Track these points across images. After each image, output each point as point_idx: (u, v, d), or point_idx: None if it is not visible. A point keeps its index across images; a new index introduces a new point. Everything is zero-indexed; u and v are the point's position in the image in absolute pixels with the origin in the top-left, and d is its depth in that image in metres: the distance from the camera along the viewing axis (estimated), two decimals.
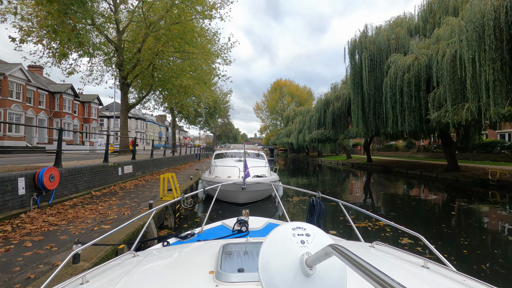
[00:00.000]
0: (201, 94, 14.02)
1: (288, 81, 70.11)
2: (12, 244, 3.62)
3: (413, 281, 1.12)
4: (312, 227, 0.87)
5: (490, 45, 9.89)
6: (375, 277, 0.51)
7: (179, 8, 10.75)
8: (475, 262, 4.65)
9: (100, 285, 1.10)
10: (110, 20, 10.66)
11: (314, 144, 37.09)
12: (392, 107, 15.12)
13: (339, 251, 0.65)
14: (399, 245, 5.38)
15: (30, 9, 9.76)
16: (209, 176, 9.73)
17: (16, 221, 4.56)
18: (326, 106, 26.96)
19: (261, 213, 7.97)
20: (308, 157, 50.08)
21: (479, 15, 10.25)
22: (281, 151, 76.02)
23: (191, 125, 32.82)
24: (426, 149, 31.67)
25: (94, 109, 37.40)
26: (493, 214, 8.38)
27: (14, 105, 23.91)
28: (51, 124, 29.28)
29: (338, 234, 5.57)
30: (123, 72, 11.30)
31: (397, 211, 8.87)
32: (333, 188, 14.16)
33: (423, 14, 17.76)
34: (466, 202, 9.98)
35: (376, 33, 17.95)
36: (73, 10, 5.55)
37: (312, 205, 3.09)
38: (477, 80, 10.58)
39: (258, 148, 16.05)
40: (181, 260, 1.43)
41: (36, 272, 2.89)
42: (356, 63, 18.17)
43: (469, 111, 10.92)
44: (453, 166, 17.29)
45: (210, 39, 14.47)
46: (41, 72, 30.25)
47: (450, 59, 11.85)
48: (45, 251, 3.47)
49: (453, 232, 6.57)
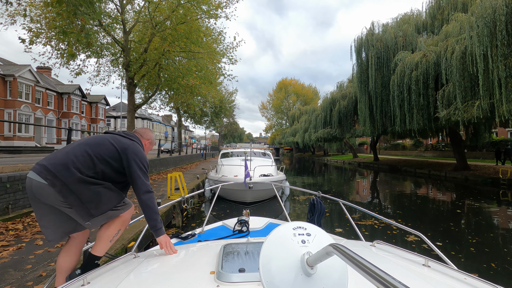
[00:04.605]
0: (207, 94, 14.03)
1: (293, 80, 69.98)
2: (24, 242, 3.67)
3: (414, 279, 1.11)
4: (312, 227, 0.87)
5: (502, 41, 9.68)
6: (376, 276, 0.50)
7: (185, 8, 10.76)
8: (484, 260, 4.56)
9: (101, 286, 1.10)
10: (117, 21, 10.72)
11: (320, 143, 36.89)
12: (400, 105, 14.92)
13: (340, 250, 0.65)
14: (404, 244, 5.31)
15: (38, 11, 9.89)
16: (216, 175, 9.74)
17: (27, 220, 4.63)
18: (332, 105, 26.77)
19: (268, 212, 7.96)
20: (314, 156, 49.89)
21: (490, 10, 10.04)
22: (287, 151, 75.88)
23: (196, 124, 32.93)
24: (434, 147, 31.19)
25: (101, 109, 37.86)
26: (503, 213, 8.21)
27: (23, 106, 24.33)
28: (59, 124, 29.74)
29: (339, 234, 5.53)
30: (130, 73, 11.38)
31: (404, 210, 8.75)
32: (339, 188, 14.05)
33: (431, 10, 17.49)
34: (475, 201, 9.79)
35: (383, 30, 17.74)
36: (81, 11, 5.60)
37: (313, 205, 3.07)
38: (489, 77, 10.36)
39: (264, 147, 16.03)
40: (182, 260, 1.44)
41: (48, 270, 2.92)
42: (362, 61, 17.99)
43: (480, 109, 10.70)
44: (463, 165, 16.99)
45: (215, 38, 14.46)
46: (49, 73, 30.72)
47: (460, 55, 11.62)
48: (56, 249, 3.51)
49: (461, 230, 6.47)
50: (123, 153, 1.75)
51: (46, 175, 1.56)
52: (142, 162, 1.79)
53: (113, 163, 1.73)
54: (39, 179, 1.56)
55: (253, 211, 4.24)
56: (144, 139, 2.08)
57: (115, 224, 1.81)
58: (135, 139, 1.92)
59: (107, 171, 1.72)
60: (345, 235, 3.78)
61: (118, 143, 1.78)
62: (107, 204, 1.70)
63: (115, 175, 1.76)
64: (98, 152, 1.70)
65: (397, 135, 21.16)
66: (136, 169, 1.74)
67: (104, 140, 1.77)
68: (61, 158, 1.64)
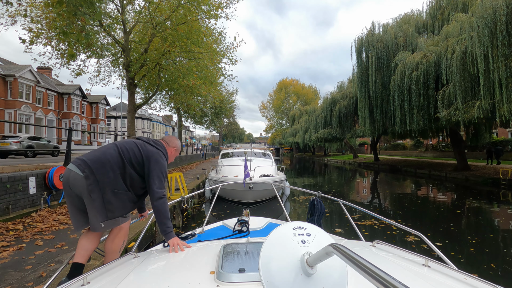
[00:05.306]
0: (207, 94, 14.03)
1: (293, 80, 70.02)
2: (24, 243, 3.67)
3: (414, 280, 1.11)
4: (312, 227, 0.87)
5: (503, 41, 9.67)
6: (376, 276, 0.50)
7: (185, 8, 10.76)
8: (484, 261, 4.56)
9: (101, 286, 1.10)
10: (117, 21, 10.73)
11: (320, 143, 36.90)
12: (400, 106, 14.91)
13: (340, 250, 0.65)
14: (404, 244, 5.32)
15: (39, 11, 9.90)
16: (216, 175, 9.74)
17: (27, 220, 4.63)
18: (333, 105, 26.76)
19: (268, 212, 7.95)
20: (314, 157, 49.87)
21: (490, 10, 10.03)
22: (287, 151, 75.88)
23: (197, 125, 32.93)
24: (435, 148, 31.17)
25: (102, 110, 37.87)
26: (504, 214, 8.20)
27: (24, 106, 24.36)
28: (59, 124, 29.77)
29: (339, 234, 5.52)
30: (131, 73, 11.37)
31: (404, 210, 8.74)
32: (340, 188, 14.05)
33: (431, 11, 17.48)
34: (475, 201, 9.78)
35: (383, 30, 17.73)
36: (82, 11, 5.61)
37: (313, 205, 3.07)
38: (489, 77, 10.35)
39: (264, 147, 16.03)
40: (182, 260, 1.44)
41: (48, 271, 2.92)
42: (363, 62, 17.97)
43: (481, 109, 10.69)
44: (463, 165, 16.97)
45: (216, 38, 14.47)
46: (49, 73, 30.73)
47: (460, 56, 11.61)
48: (57, 249, 3.51)
49: (461, 231, 6.46)
50: (146, 159, 1.95)
51: (84, 168, 1.79)
52: (161, 171, 1.95)
53: (137, 167, 1.95)
54: (77, 170, 1.79)
55: (253, 211, 4.24)
56: (170, 147, 2.26)
57: (119, 237, 1.99)
58: (161, 147, 2.10)
59: (133, 174, 1.93)
60: (345, 235, 3.77)
61: (144, 150, 1.99)
62: (120, 211, 1.91)
63: (139, 178, 1.96)
64: (128, 155, 1.93)
65: (398, 135, 21.16)
66: (154, 176, 1.92)
67: (133, 146, 2.00)
68: (99, 156, 1.87)
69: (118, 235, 1.97)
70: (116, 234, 1.97)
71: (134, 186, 1.96)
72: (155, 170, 1.92)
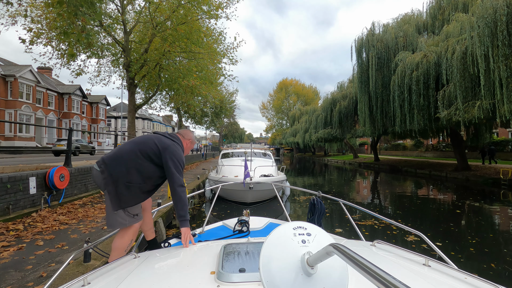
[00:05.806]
0: (207, 94, 14.05)
1: (294, 80, 69.99)
2: (25, 243, 3.67)
3: (414, 279, 1.11)
4: (313, 227, 0.88)
5: (503, 41, 9.66)
6: (376, 275, 0.50)
7: (185, 8, 10.77)
8: (484, 261, 4.56)
9: (102, 286, 1.10)
10: (118, 21, 10.75)
11: (320, 143, 36.90)
12: (400, 106, 14.89)
13: (340, 250, 0.65)
14: (404, 244, 5.30)
15: (39, 11, 9.92)
16: (216, 175, 9.74)
17: (28, 220, 4.63)
18: (333, 105, 26.74)
19: (268, 212, 7.95)
20: (314, 157, 49.87)
21: (491, 10, 10.02)
22: (287, 151, 75.86)
23: (197, 125, 32.94)
24: (435, 148, 31.16)
25: (102, 110, 37.90)
26: (504, 214, 8.19)
27: (24, 106, 24.38)
28: (60, 124, 29.79)
29: (340, 233, 5.52)
30: (131, 73, 11.38)
31: (404, 210, 8.74)
32: (340, 188, 14.04)
33: (432, 11, 17.47)
34: (475, 201, 9.77)
35: (383, 30, 17.72)
36: (82, 11, 5.61)
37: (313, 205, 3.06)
38: (490, 77, 10.34)
39: (265, 147, 16.03)
40: (182, 261, 1.44)
41: (49, 271, 2.92)
42: (363, 62, 17.95)
43: (481, 109, 10.68)
44: (463, 165, 16.96)
45: (216, 38, 14.48)
46: (50, 74, 30.77)
47: (461, 56, 11.61)
48: (57, 249, 3.51)
49: (462, 230, 6.46)
50: (163, 151, 2.07)
51: (101, 164, 2.03)
52: (178, 161, 2.09)
53: (155, 158, 2.07)
54: (96, 167, 2.04)
55: (254, 211, 4.24)
56: (185, 140, 2.38)
57: (128, 234, 2.09)
58: (176, 139, 2.23)
59: (151, 166, 2.07)
60: (345, 235, 3.77)
61: (160, 142, 2.11)
62: (133, 200, 2.03)
63: (156, 169, 2.09)
64: (143, 149, 2.06)
65: (398, 135, 21.14)
66: (172, 165, 2.04)
67: (149, 140, 2.12)
68: (114, 153, 2.07)
69: (128, 232, 2.08)
70: (126, 231, 2.08)
71: (151, 177, 2.09)
72: (172, 160, 2.05)
